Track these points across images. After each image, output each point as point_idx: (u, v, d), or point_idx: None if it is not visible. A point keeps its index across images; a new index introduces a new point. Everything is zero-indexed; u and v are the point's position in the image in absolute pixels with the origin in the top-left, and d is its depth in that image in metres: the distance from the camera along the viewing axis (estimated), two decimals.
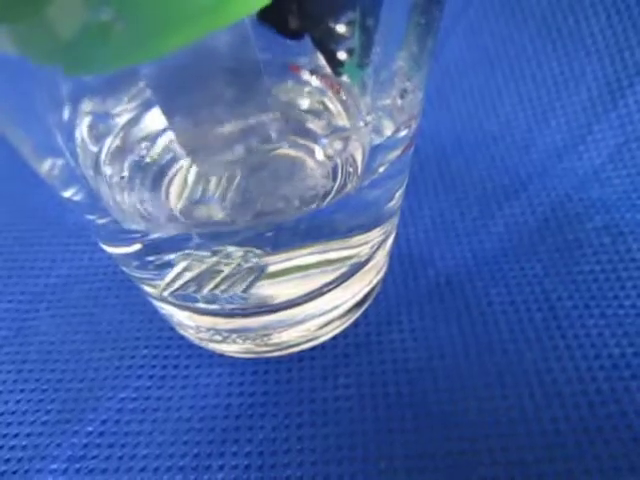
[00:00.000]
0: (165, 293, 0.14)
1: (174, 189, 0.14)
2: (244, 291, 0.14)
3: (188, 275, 0.13)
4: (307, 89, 0.14)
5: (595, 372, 0.16)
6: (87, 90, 0.12)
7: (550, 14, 0.24)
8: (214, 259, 0.13)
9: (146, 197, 0.13)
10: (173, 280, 0.13)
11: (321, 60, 0.13)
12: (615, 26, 0.22)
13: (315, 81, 0.14)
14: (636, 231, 0.19)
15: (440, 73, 0.26)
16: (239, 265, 0.13)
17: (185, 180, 0.14)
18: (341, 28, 0.12)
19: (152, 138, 0.14)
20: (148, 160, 0.14)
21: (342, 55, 0.12)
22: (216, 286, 0.13)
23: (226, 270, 0.13)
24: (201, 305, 0.15)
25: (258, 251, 0.13)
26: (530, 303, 0.18)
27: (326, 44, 0.13)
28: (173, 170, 0.14)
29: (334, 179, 0.13)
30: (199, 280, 0.13)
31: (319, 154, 0.13)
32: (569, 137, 0.23)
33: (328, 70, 0.13)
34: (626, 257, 0.19)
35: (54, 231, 0.22)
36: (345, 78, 0.14)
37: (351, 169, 0.14)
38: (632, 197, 0.21)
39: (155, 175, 0.14)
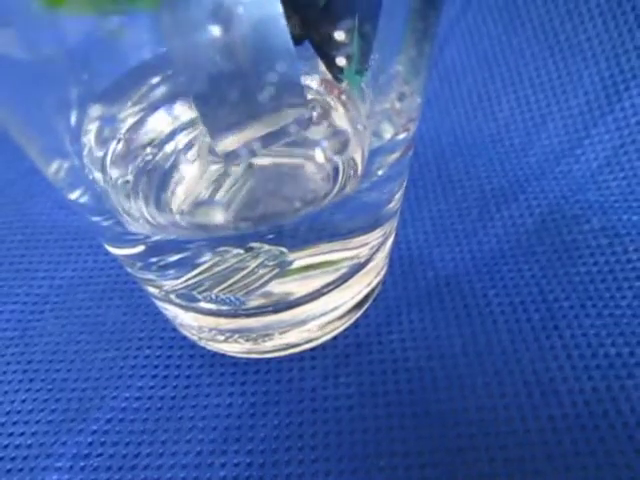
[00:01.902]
0: (175, 288, 0.15)
1: (178, 193, 0.14)
2: (255, 290, 0.14)
3: (215, 270, 0.13)
4: (308, 94, 0.15)
5: (592, 371, 0.16)
6: (95, 95, 0.13)
7: (548, 19, 0.24)
8: (244, 255, 0.13)
9: (150, 201, 0.14)
10: (197, 275, 0.14)
11: (321, 66, 0.13)
12: (611, 31, 0.23)
13: (316, 86, 0.15)
14: (632, 233, 0.20)
15: (439, 77, 0.26)
16: (263, 262, 0.13)
17: (190, 185, 0.14)
18: (340, 35, 0.12)
19: (159, 145, 0.14)
20: (153, 166, 0.14)
21: (342, 61, 0.12)
22: (233, 284, 0.14)
23: (250, 267, 0.13)
24: (204, 305, 0.15)
25: (283, 249, 0.13)
26: (528, 304, 0.18)
27: (326, 50, 0.13)
28: (177, 175, 0.14)
29: (334, 181, 0.14)
30: (222, 276, 0.14)
31: (319, 157, 0.14)
32: (566, 140, 0.23)
33: (329, 75, 0.14)
34: (623, 258, 0.19)
35: (59, 234, 0.22)
36: (345, 83, 0.14)
37: (351, 171, 0.14)
38: (629, 199, 0.21)
39: (160, 180, 0.14)
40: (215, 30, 0.09)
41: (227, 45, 0.09)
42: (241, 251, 0.13)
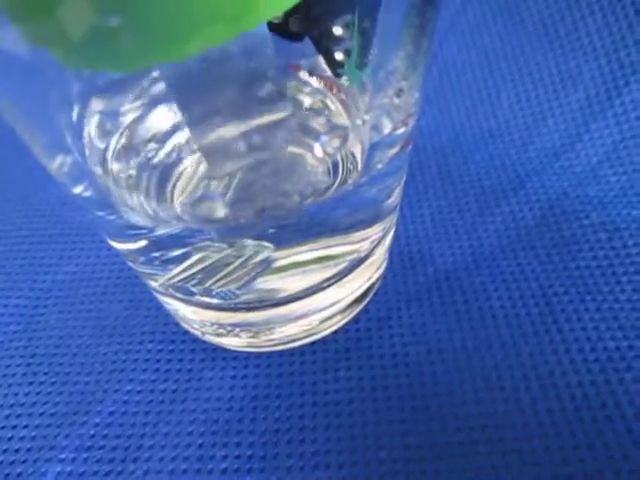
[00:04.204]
0: (171, 282, 0.15)
1: (179, 187, 0.14)
2: (246, 284, 0.14)
3: (200, 266, 0.14)
4: (307, 89, 0.15)
5: (590, 365, 0.16)
6: (96, 89, 0.13)
7: (548, 14, 0.24)
8: (228, 251, 0.13)
9: (152, 195, 0.14)
10: (184, 270, 0.14)
11: (321, 61, 0.14)
12: (611, 26, 0.23)
13: (315, 81, 0.15)
14: (632, 227, 0.20)
15: (439, 73, 0.26)
16: (249, 258, 0.13)
17: (191, 179, 0.14)
18: (340, 30, 0.12)
19: (160, 140, 0.14)
20: (155, 161, 0.14)
21: (341, 56, 0.13)
22: (222, 277, 0.14)
23: (236, 262, 0.13)
24: (204, 299, 0.15)
25: (269, 244, 0.13)
26: (527, 298, 0.18)
27: (326, 45, 0.13)
28: (179, 169, 0.14)
29: (334, 176, 0.14)
30: (209, 271, 0.14)
31: (318, 151, 0.14)
32: (566, 135, 0.23)
33: (328, 70, 0.14)
34: (622, 253, 0.19)
35: (62, 230, 0.23)
36: (344, 78, 0.14)
37: (351, 166, 0.14)
38: (628, 194, 0.21)
39: (161, 174, 0.14)
40: None
41: None
42: (224, 245, 0.13)
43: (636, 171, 0.21)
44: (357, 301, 0.18)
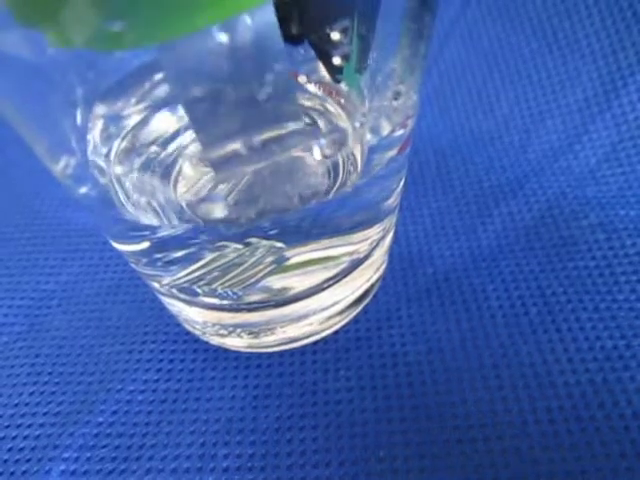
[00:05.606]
0: (178, 282, 0.15)
1: (181, 188, 0.14)
2: (252, 285, 0.14)
3: (213, 265, 0.14)
4: (306, 95, 0.15)
5: (588, 364, 0.16)
6: (100, 93, 0.13)
7: (546, 17, 0.25)
8: (242, 251, 0.13)
9: (156, 196, 0.14)
10: (196, 270, 0.14)
11: (319, 67, 0.14)
12: (609, 28, 0.23)
13: (314, 87, 0.15)
14: (629, 228, 0.20)
15: (439, 75, 0.27)
16: (261, 258, 0.13)
17: (193, 178, 0.14)
18: (338, 35, 0.12)
19: (162, 143, 0.14)
20: (157, 161, 0.14)
21: (339, 61, 0.13)
22: (232, 278, 0.14)
23: (247, 263, 0.14)
24: (204, 299, 0.15)
25: (280, 244, 0.13)
26: (526, 298, 0.19)
27: (325, 50, 0.13)
28: (181, 171, 0.14)
29: (334, 178, 0.14)
30: (221, 271, 0.14)
31: (318, 153, 0.14)
32: (565, 137, 0.23)
33: (326, 76, 0.14)
34: (620, 253, 0.19)
35: (65, 231, 0.23)
36: (342, 84, 0.14)
37: (351, 168, 0.14)
38: (626, 195, 0.21)
39: (163, 175, 0.14)
40: (209, 37, 0.09)
41: (220, 52, 0.10)
42: (239, 246, 0.13)
43: (634, 172, 0.22)
44: (357, 302, 0.18)
